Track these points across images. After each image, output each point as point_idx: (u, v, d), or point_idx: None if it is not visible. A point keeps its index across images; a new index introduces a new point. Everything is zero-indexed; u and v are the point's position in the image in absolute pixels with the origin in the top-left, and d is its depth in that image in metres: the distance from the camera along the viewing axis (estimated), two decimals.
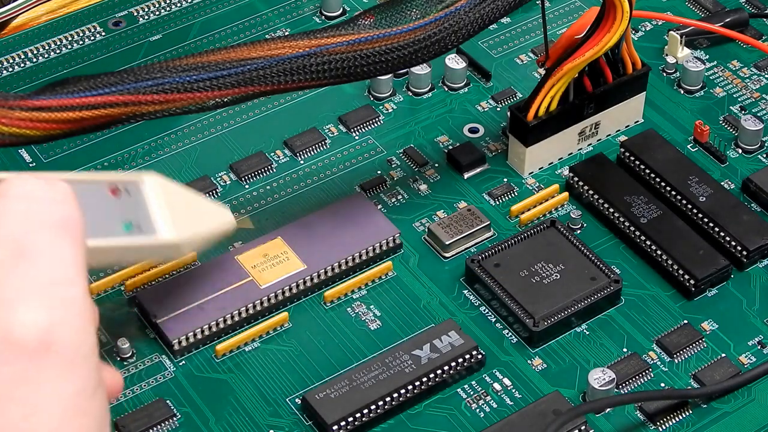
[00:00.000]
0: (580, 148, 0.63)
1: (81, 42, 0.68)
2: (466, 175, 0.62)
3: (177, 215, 0.49)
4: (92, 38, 0.69)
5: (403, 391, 0.52)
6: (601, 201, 0.59)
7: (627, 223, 0.58)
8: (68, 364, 0.36)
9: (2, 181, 0.39)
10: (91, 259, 0.44)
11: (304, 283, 0.56)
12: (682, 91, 0.66)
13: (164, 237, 0.48)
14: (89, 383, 0.36)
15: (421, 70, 0.65)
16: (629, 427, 0.52)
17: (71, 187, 0.42)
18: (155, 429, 0.52)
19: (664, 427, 0.52)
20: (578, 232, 0.59)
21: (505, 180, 0.61)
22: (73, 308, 0.36)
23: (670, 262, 0.57)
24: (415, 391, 0.52)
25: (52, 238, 0.37)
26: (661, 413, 0.52)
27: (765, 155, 0.63)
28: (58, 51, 0.68)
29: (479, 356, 0.54)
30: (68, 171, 0.45)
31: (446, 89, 0.66)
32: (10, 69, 0.67)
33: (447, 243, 0.58)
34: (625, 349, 0.55)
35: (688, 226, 0.58)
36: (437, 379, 0.53)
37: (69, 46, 0.68)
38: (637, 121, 0.64)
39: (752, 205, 0.60)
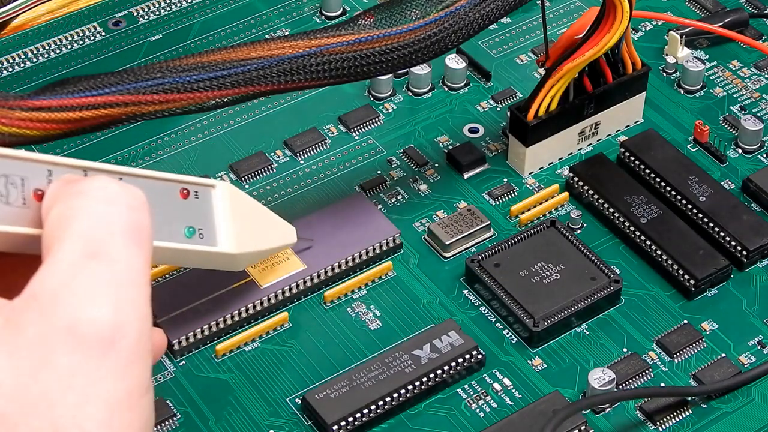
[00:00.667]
0: (580, 148, 0.63)
1: (81, 42, 0.68)
2: (466, 175, 0.62)
3: (241, 228, 0.49)
4: (92, 38, 0.69)
5: (403, 391, 0.52)
6: (601, 201, 0.59)
7: (627, 223, 0.58)
8: (127, 362, 0.36)
9: (84, 178, 0.40)
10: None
11: (304, 283, 0.56)
12: (682, 91, 0.66)
13: (224, 249, 0.48)
14: (142, 383, 0.37)
15: (421, 70, 0.65)
16: (629, 427, 0.52)
17: (144, 186, 0.43)
18: (155, 429, 0.51)
19: (664, 427, 0.52)
20: (578, 232, 0.59)
21: (505, 180, 0.61)
22: (137, 311, 0.37)
23: (670, 262, 0.57)
24: (415, 391, 0.52)
25: (124, 243, 0.38)
26: (661, 413, 0.52)
27: (765, 155, 0.63)
28: (58, 51, 0.68)
29: (479, 356, 0.54)
30: (144, 168, 0.46)
31: (446, 89, 0.66)
32: (10, 69, 0.67)
33: (447, 243, 0.58)
34: (625, 349, 0.55)
35: (688, 226, 0.58)
36: (437, 379, 0.53)
37: (69, 46, 0.68)
38: (637, 121, 0.64)
39: (752, 205, 0.60)
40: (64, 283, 0.37)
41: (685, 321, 0.56)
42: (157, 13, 0.70)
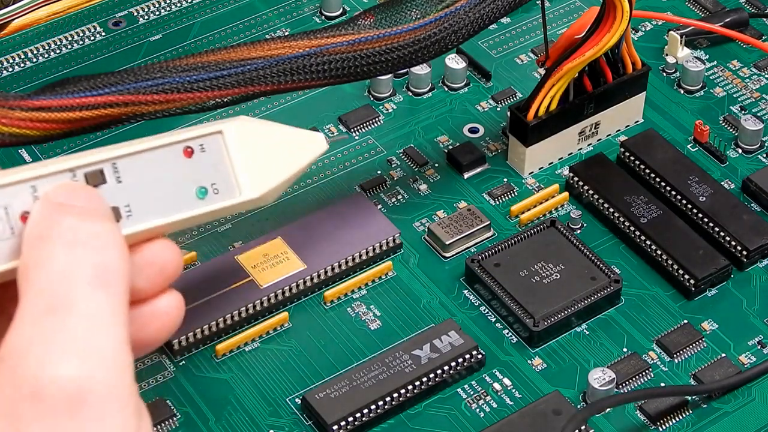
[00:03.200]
0: (580, 148, 0.63)
1: (81, 42, 0.68)
2: (466, 175, 0.62)
3: (261, 164, 0.45)
4: (92, 38, 0.69)
5: (403, 391, 0.52)
6: (601, 201, 0.59)
7: (627, 223, 0.58)
8: (101, 416, 0.35)
9: (50, 217, 0.38)
10: (163, 231, 0.42)
11: (304, 283, 0.56)
12: (682, 91, 0.66)
13: (245, 197, 0.44)
14: (125, 431, 0.36)
15: (421, 70, 0.65)
16: (630, 428, 0.52)
17: (143, 161, 0.41)
18: (155, 429, 0.51)
19: (664, 428, 0.52)
20: (578, 232, 0.59)
21: (505, 180, 0.61)
22: (106, 360, 0.36)
23: (670, 262, 0.57)
24: (415, 391, 0.52)
25: (88, 290, 0.37)
26: (662, 413, 0.52)
27: (765, 155, 0.63)
28: (58, 51, 0.68)
29: (479, 356, 0.54)
30: (144, 138, 0.42)
31: (446, 89, 0.66)
32: (10, 69, 0.67)
33: (447, 243, 0.58)
34: (625, 349, 0.55)
35: (688, 226, 0.58)
36: (437, 379, 0.53)
37: (69, 46, 0.68)
38: (637, 121, 0.64)
39: (752, 205, 0.60)
40: (26, 343, 0.35)
41: (685, 321, 0.56)
42: (157, 13, 0.70)
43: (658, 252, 0.57)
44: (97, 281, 0.37)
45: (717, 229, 0.58)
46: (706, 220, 0.58)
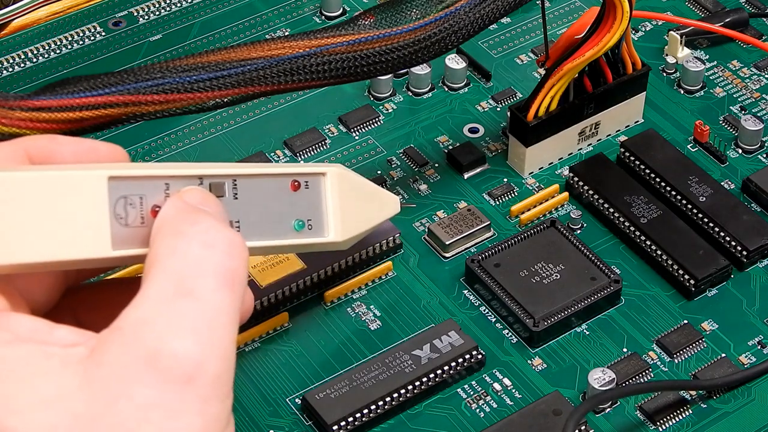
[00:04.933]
0: (580, 148, 0.63)
1: (81, 42, 0.68)
2: (466, 175, 0.62)
3: (348, 212, 0.49)
4: (92, 38, 0.69)
5: (403, 391, 0.52)
6: (601, 201, 0.59)
7: (627, 223, 0.58)
8: (205, 398, 0.36)
9: (189, 217, 0.40)
10: (254, 254, 0.44)
11: (304, 283, 0.56)
12: (682, 91, 0.66)
13: (331, 239, 0.48)
14: (220, 420, 0.37)
15: (421, 70, 0.65)
16: (629, 427, 0.52)
17: (256, 186, 0.43)
18: None
19: (664, 427, 0.52)
20: (578, 232, 0.59)
21: (505, 180, 0.61)
22: (220, 350, 0.37)
23: (670, 262, 0.57)
24: (415, 391, 0.52)
25: (215, 285, 0.38)
26: (661, 413, 0.52)
27: (765, 155, 0.63)
28: (58, 51, 0.68)
29: (479, 356, 0.54)
30: (260, 164, 0.46)
31: (446, 89, 0.66)
32: (10, 69, 0.67)
33: (447, 243, 0.58)
34: (625, 349, 0.55)
35: (688, 226, 0.58)
36: (437, 379, 0.53)
37: (69, 46, 0.68)
38: (637, 121, 0.64)
39: (752, 205, 0.60)
40: (149, 317, 0.37)
41: (685, 321, 0.56)
42: (157, 13, 0.70)
43: (658, 252, 0.57)
44: (225, 281, 0.38)
45: (717, 229, 0.58)
46: (706, 220, 0.58)
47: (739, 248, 0.58)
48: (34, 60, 0.67)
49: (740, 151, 0.63)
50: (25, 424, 0.35)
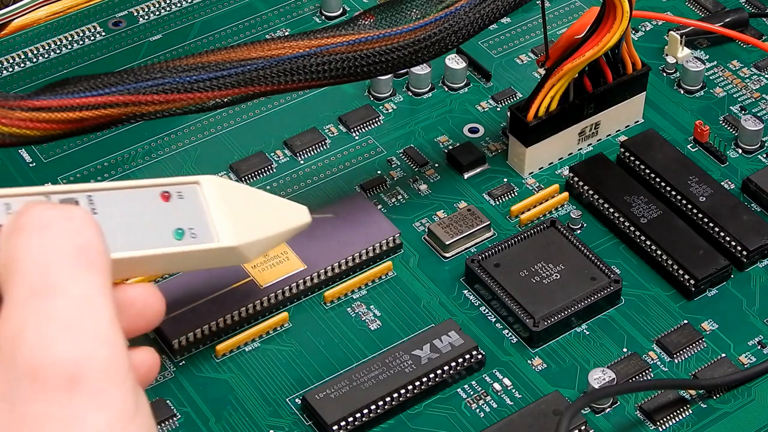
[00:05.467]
0: (580, 148, 0.63)
1: (81, 42, 0.68)
2: (466, 175, 0.62)
3: (239, 218, 0.46)
4: (92, 38, 0.69)
5: (403, 391, 0.52)
6: (601, 201, 0.59)
7: (627, 223, 0.58)
8: (99, 394, 0.35)
9: (21, 211, 0.38)
10: (140, 270, 0.43)
11: (304, 283, 0.56)
12: (682, 91, 0.66)
13: (223, 243, 0.46)
14: (126, 407, 0.36)
15: (421, 70, 0.65)
16: (629, 427, 0.52)
17: (118, 198, 0.41)
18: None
19: (664, 428, 0.52)
20: (578, 232, 0.59)
21: (505, 180, 0.61)
22: (100, 338, 0.36)
23: (670, 262, 0.57)
24: (415, 391, 0.52)
25: (73, 271, 0.36)
26: (661, 413, 0.52)
27: (765, 155, 0.63)
28: (58, 51, 0.68)
29: (479, 356, 0.54)
30: (121, 181, 0.44)
31: (446, 89, 0.66)
32: (10, 69, 0.67)
33: (447, 243, 0.58)
34: (625, 349, 0.55)
35: (688, 226, 0.58)
36: (437, 379, 0.53)
37: (69, 46, 0.68)
38: (637, 121, 0.64)
39: (752, 205, 0.60)
40: (17, 328, 0.35)
41: (685, 321, 0.56)
42: (157, 13, 0.70)
43: (658, 252, 0.57)
44: (80, 261, 0.37)
45: (717, 229, 0.58)
46: (706, 220, 0.58)
47: (739, 248, 0.58)
48: (34, 60, 0.67)
49: (740, 151, 0.63)
50: None
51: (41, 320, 0.35)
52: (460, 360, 0.53)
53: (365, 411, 0.51)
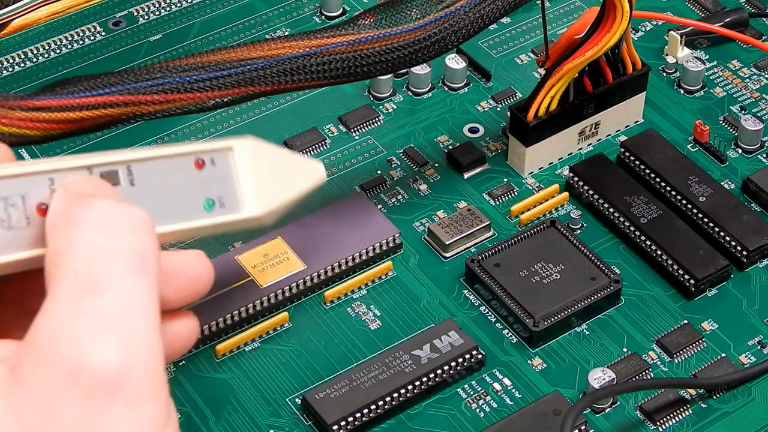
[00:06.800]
0: (580, 148, 0.63)
1: (81, 42, 0.68)
2: (466, 175, 0.62)
3: (265, 184, 0.45)
4: (92, 38, 0.69)
5: (403, 391, 0.52)
6: (601, 201, 0.59)
7: (627, 223, 0.58)
8: (137, 401, 0.35)
9: (81, 204, 0.37)
10: (166, 240, 0.42)
11: (304, 283, 0.56)
12: (682, 91, 0.66)
13: (248, 214, 0.44)
14: (159, 417, 0.35)
15: (421, 70, 0.65)
16: (629, 427, 0.52)
17: (155, 168, 0.41)
18: None
19: (664, 427, 0.52)
20: (578, 232, 0.59)
21: (505, 180, 0.61)
22: (144, 345, 0.35)
23: (670, 262, 0.57)
24: (415, 391, 0.52)
25: (124, 273, 0.36)
26: (661, 412, 0.52)
27: (765, 155, 0.63)
28: (58, 51, 0.68)
29: (479, 356, 0.54)
30: (157, 145, 0.42)
31: (446, 89, 0.66)
32: (10, 69, 0.67)
33: (447, 243, 0.58)
34: (625, 349, 0.55)
35: (688, 226, 0.58)
36: (437, 379, 0.53)
37: (69, 46, 0.68)
38: (637, 121, 0.64)
39: (752, 205, 0.60)
40: (61, 326, 0.35)
41: (685, 321, 0.56)
42: (157, 13, 0.70)
43: (658, 252, 0.57)
44: (134, 265, 0.36)
45: (717, 229, 0.58)
46: (706, 220, 0.58)
47: (739, 248, 0.58)
48: (34, 60, 0.67)
49: (740, 151, 0.63)
50: None
51: (87, 320, 0.35)
52: (460, 360, 0.53)
53: (365, 411, 0.51)
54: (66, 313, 0.35)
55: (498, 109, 0.65)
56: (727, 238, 0.58)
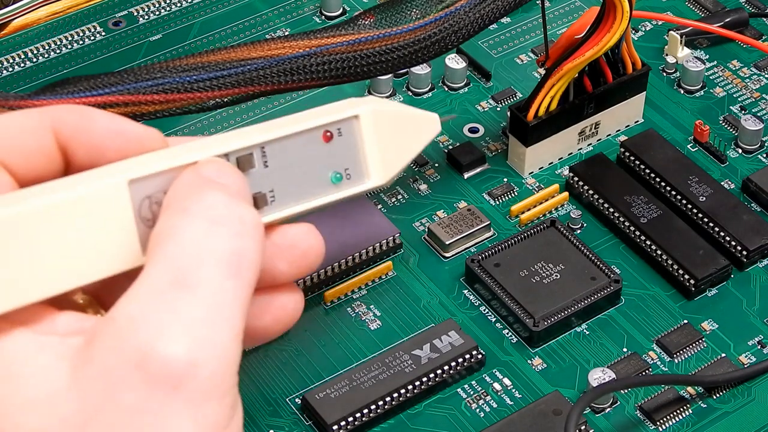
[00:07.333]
0: (580, 148, 0.63)
1: (81, 42, 0.68)
2: (466, 175, 0.62)
3: (388, 150, 0.44)
4: (92, 38, 0.69)
5: (403, 391, 0.52)
6: (601, 201, 0.59)
7: (627, 223, 0.58)
8: (198, 401, 0.34)
9: (195, 191, 0.37)
10: (296, 217, 0.41)
11: (304, 283, 0.56)
12: (682, 91, 0.66)
13: (374, 184, 0.43)
14: (218, 422, 0.35)
15: (421, 70, 0.65)
16: (629, 427, 0.52)
17: (287, 148, 0.40)
18: None
19: (664, 427, 0.52)
20: (578, 232, 0.59)
21: (505, 180, 0.61)
22: (218, 350, 0.35)
23: (670, 262, 0.57)
24: (415, 391, 0.52)
25: (218, 273, 0.35)
26: (661, 412, 0.52)
27: (765, 155, 0.63)
28: (58, 51, 0.68)
29: (479, 356, 0.54)
30: (282, 118, 0.41)
31: (446, 89, 0.66)
32: (10, 69, 0.67)
33: (447, 243, 0.58)
34: (625, 349, 0.55)
35: (688, 226, 0.58)
36: (437, 379, 0.53)
37: (69, 46, 0.68)
38: (637, 121, 0.64)
39: (752, 205, 0.60)
40: (142, 311, 0.35)
41: (685, 321, 0.56)
42: (157, 13, 0.70)
43: (658, 252, 0.57)
44: (230, 267, 0.36)
45: (717, 229, 0.58)
46: (706, 220, 0.58)
47: (739, 248, 0.58)
48: (34, 60, 0.67)
49: (740, 151, 0.63)
50: (13, 428, 0.34)
51: (168, 312, 0.35)
52: (460, 360, 0.53)
53: (365, 411, 0.51)
54: (150, 301, 0.35)
55: (498, 109, 0.65)
56: (727, 238, 0.58)
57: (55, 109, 0.39)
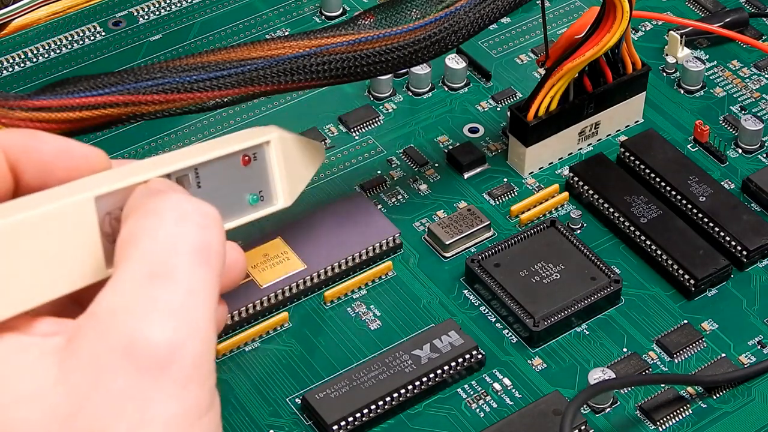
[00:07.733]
0: (580, 148, 0.63)
1: (81, 42, 0.68)
2: (466, 175, 0.62)
3: (290, 173, 0.47)
4: (92, 38, 0.69)
5: (403, 391, 0.52)
6: (601, 201, 0.59)
7: (627, 223, 0.58)
8: (183, 383, 0.36)
9: (158, 195, 0.39)
10: None
11: (304, 283, 0.56)
12: (682, 91, 0.66)
13: (282, 205, 0.46)
14: (201, 403, 0.36)
15: (421, 70, 0.65)
16: (629, 427, 0.52)
17: (215, 169, 0.42)
18: None
19: (664, 427, 0.52)
20: (578, 232, 0.59)
21: (505, 180, 0.61)
22: (197, 332, 0.36)
23: (670, 262, 0.57)
24: (415, 391, 0.52)
25: (190, 263, 0.37)
26: (661, 412, 0.52)
27: (765, 155, 0.63)
28: (58, 51, 0.68)
29: (479, 356, 0.54)
30: (204, 143, 0.44)
31: (446, 89, 0.66)
32: (10, 69, 0.67)
33: (447, 243, 0.58)
34: (625, 349, 0.55)
35: (688, 226, 0.58)
36: (437, 379, 0.53)
37: (69, 46, 0.68)
38: (637, 121, 0.64)
39: (752, 205, 0.60)
40: (123, 303, 0.36)
41: (685, 321, 0.56)
42: (157, 13, 0.70)
43: (658, 252, 0.57)
44: (200, 257, 0.37)
45: (717, 229, 0.58)
46: (706, 220, 0.58)
47: (739, 248, 0.58)
48: (34, 60, 0.67)
49: (740, 151, 0.63)
50: (3, 423, 0.35)
51: (149, 300, 0.36)
52: (460, 360, 0.53)
53: (365, 411, 0.51)
54: (129, 292, 0.36)
55: (498, 109, 0.65)
56: (727, 238, 0.58)
57: (2, 132, 0.41)
